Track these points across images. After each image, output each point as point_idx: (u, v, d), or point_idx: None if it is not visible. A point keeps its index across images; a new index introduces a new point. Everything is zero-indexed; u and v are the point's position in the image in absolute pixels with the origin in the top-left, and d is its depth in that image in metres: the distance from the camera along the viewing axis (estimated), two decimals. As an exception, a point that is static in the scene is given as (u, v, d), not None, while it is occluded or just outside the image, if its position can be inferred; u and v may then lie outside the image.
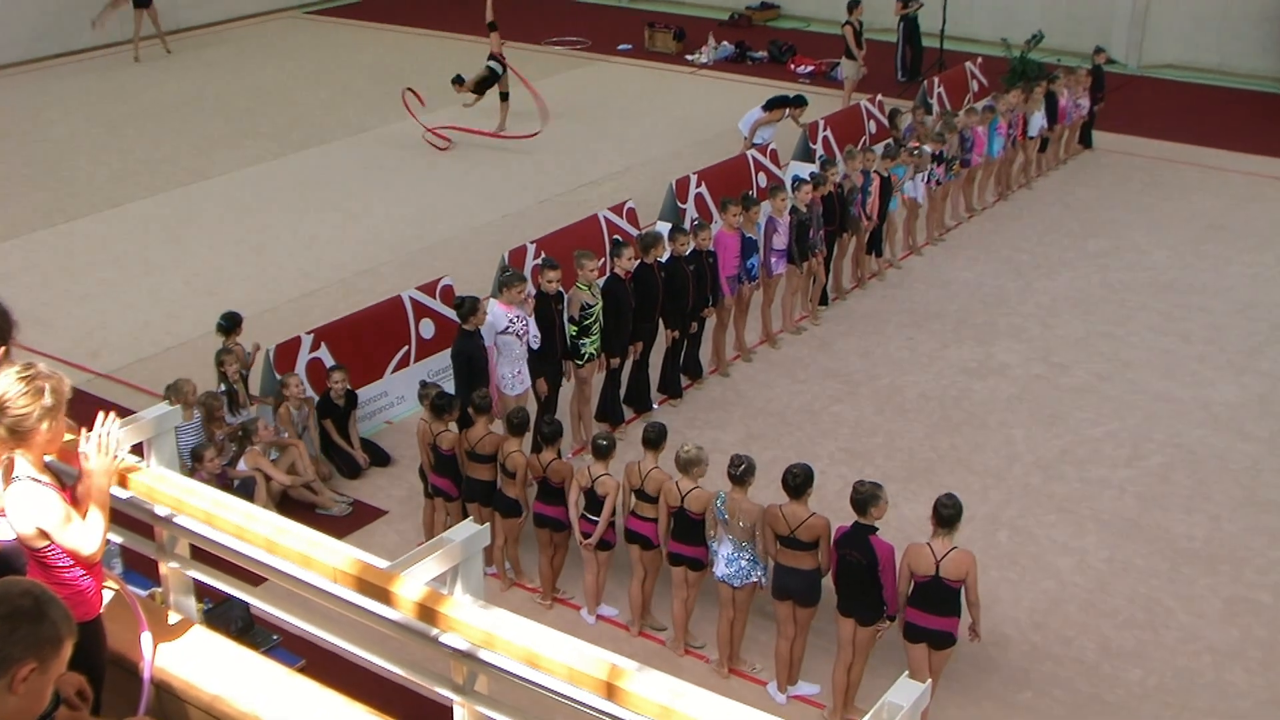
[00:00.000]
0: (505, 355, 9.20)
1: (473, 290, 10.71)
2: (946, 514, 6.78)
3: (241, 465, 9.01)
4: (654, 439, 7.67)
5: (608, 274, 10.06)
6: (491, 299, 10.86)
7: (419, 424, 8.60)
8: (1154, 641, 7.93)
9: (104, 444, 3.94)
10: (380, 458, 9.95)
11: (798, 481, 7.10)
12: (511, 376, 9.28)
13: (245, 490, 8.73)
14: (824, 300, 12.62)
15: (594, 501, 7.81)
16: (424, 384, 8.90)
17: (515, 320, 9.14)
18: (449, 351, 9.42)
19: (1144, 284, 13.14)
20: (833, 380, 11.25)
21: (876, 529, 6.94)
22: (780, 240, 11.36)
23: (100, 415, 4.02)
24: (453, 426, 8.32)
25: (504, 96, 17.34)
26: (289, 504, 9.08)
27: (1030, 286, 13.19)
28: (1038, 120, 15.54)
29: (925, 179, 13.51)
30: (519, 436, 8.11)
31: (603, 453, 7.78)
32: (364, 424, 10.23)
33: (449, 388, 9.02)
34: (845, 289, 13.05)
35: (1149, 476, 9.72)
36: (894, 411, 10.69)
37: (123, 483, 4.40)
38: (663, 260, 10.24)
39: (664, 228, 12.33)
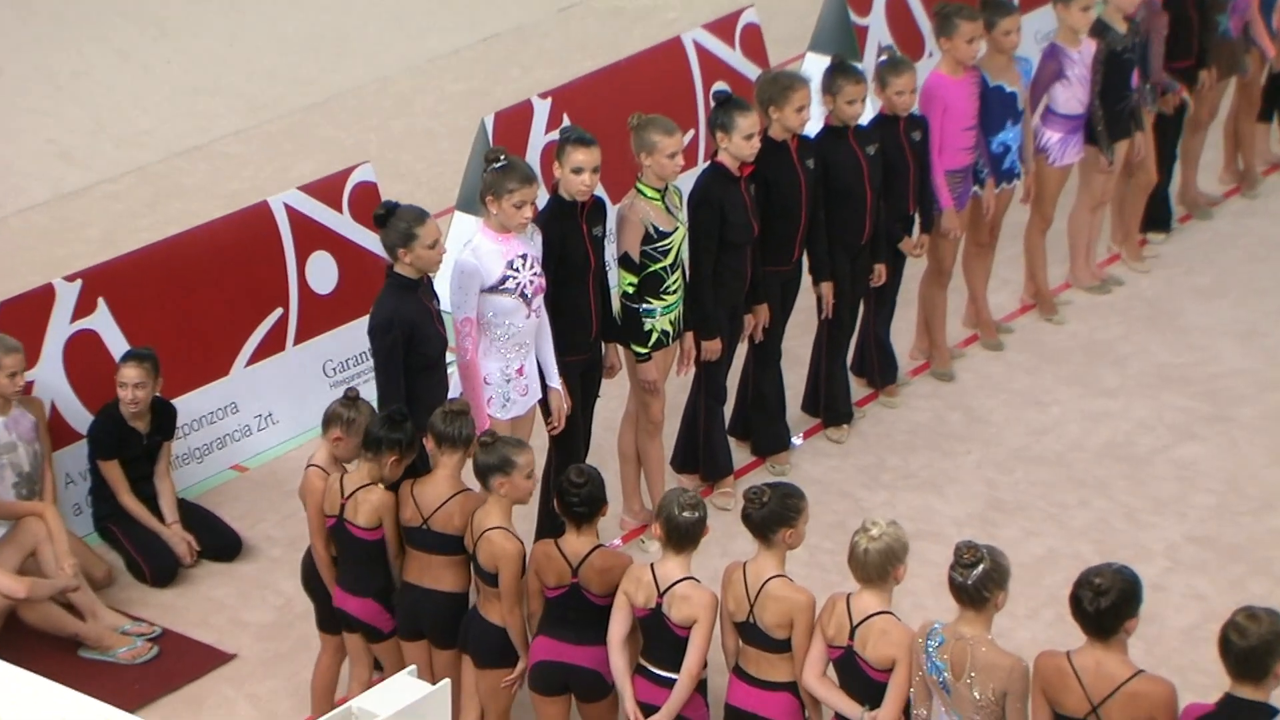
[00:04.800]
0: (498, 337, 9.27)
1: (419, 196, 10.71)
2: None
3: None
4: (768, 519, 7.67)
5: (702, 165, 10.06)
6: (462, 214, 10.89)
7: (308, 473, 8.63)
8: None
9: None
10: (221, 542, 10.10)
11: (1123, 597, 7.02)
12: (506, 382, 9.35)
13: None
14: (1163, 222, 12.68)
15: (662, 638, 7.88)
16: (354, 398, 8.71)
17: (521, 264, 9.18)
18: (364, 323, 9.40)
19: None
20: (1175, 392, 11.28)
21: (1278, 711, 6.86)
22: (1072, 95, 11.41)
23: None
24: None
25: None
26: (24, 637, 9.18)
27: None
28: None
29: None
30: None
31: (685, 535, 7.81)
32: (189, 469, 10.41)
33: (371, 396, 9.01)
34: (1210, 197, 13.07)
35: None
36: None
37: None
38: (810, 136, 10.27)
39: (815, 68, 12.30)
